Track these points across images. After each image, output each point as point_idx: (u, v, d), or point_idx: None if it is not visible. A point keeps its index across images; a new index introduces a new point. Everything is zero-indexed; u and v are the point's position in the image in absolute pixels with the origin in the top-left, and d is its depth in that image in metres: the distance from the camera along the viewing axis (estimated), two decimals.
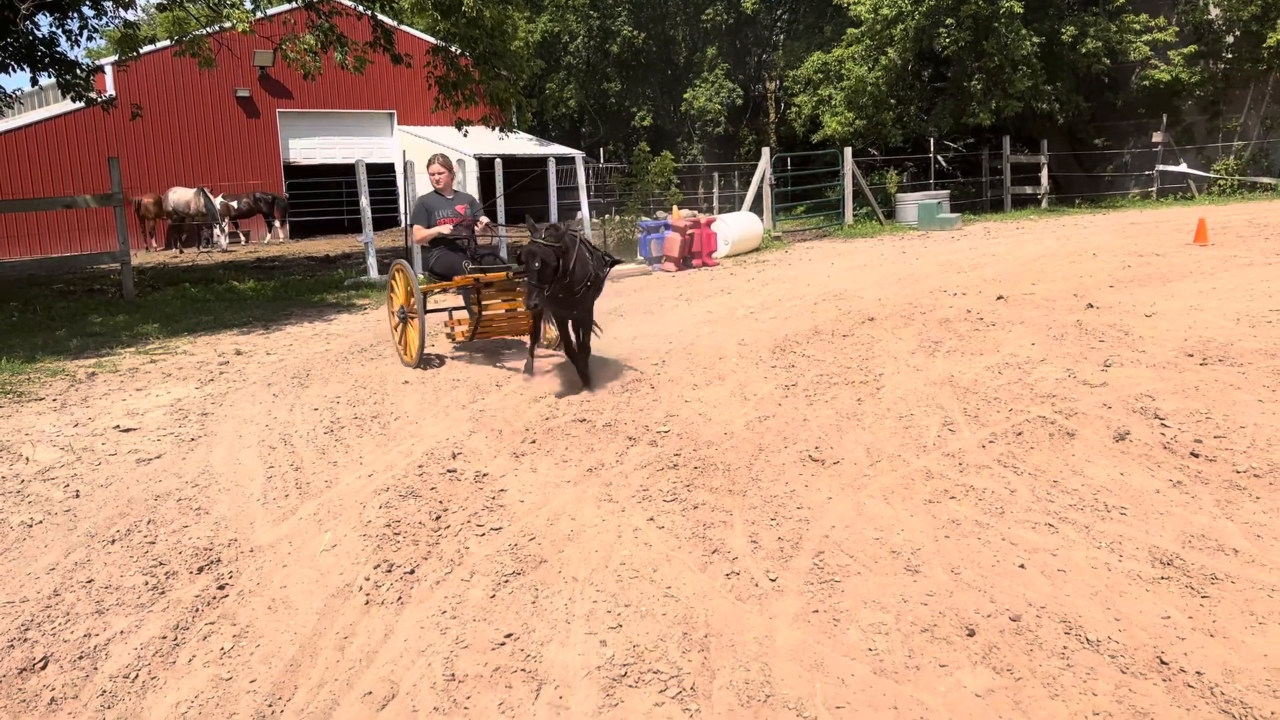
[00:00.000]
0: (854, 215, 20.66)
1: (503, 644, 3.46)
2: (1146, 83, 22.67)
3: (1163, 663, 3.14)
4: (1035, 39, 21.25)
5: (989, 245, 14.90)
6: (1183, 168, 22.63)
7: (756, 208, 18.88)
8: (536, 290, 6.16)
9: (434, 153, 8.77)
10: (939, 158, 24.46)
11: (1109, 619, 3.41)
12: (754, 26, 33.63)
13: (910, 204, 20.73)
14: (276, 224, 25.15)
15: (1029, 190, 23.70)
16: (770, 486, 4.76)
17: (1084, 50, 21.62)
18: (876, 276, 11.76)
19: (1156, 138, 22.91)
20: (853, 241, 18.15)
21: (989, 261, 12.24)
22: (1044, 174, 23.58)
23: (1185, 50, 22.11)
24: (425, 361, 7.92)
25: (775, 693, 3.10)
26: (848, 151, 20.33)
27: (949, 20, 21.49)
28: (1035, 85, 21.75)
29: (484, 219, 8.35)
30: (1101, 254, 11.69)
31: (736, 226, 16.91)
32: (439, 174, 8.43)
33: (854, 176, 20.28)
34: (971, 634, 3.36)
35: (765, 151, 19.41)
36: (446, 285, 8.04)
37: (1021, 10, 20.74)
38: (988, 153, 23.95)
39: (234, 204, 23.44)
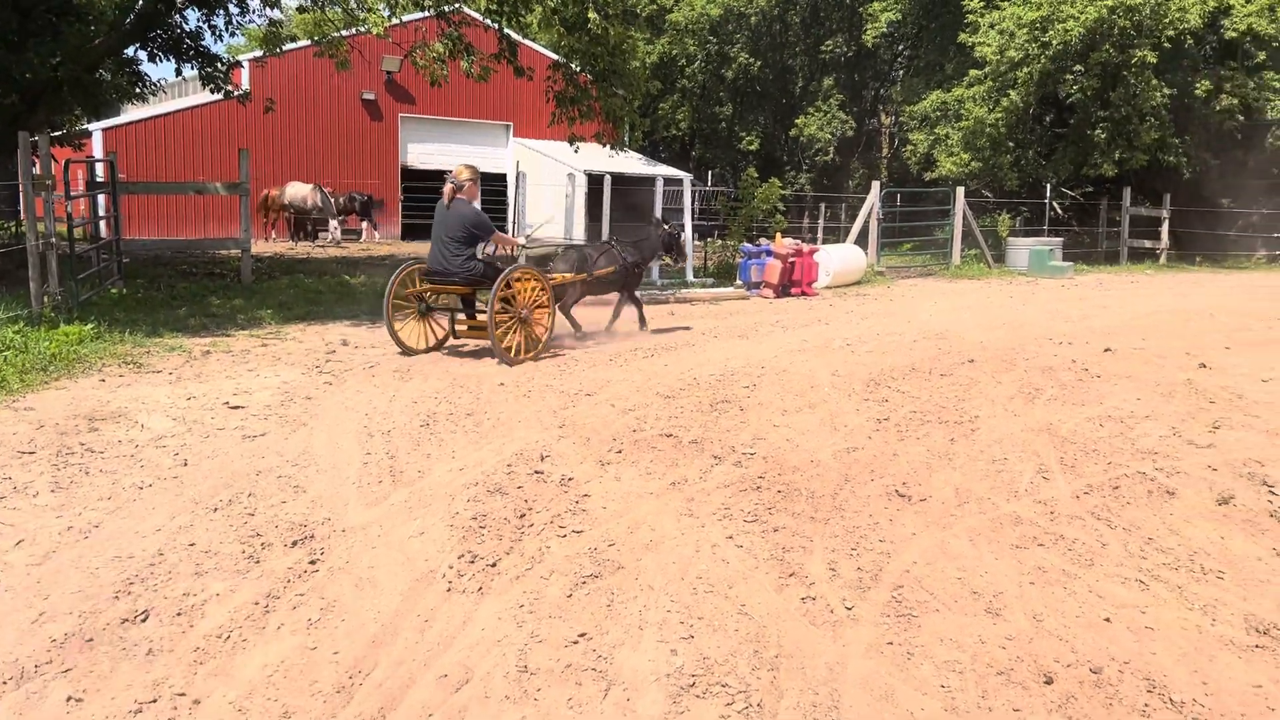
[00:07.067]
0: (961, 256, 20.31)
1: (576, 642, 3.52)
2: None
3: None
4: (1166, 90, 20.61)
5: (1101, 297, 14.49)
6: None
7: (862, 241, 18.72)
8: None
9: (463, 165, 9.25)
10: (1055, 204, 23.85)
11: (1196, 682, 3.30)
12: (874, 60, 33.49)
13: (1021, 249, 20.27)
14: (365, 224, 25.72)
15: (1147, 244, 22.92)
16: (853, 517, 4.73)
17: (1218, 106, 20.87)
18: (980, 319, 11.54)
19: None
20: (958, 282, 17.84)
21: (1099, 313, 11.90)
22: (1164, 229, 22.74)
23: None
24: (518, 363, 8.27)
25: (842, 718, 3.09)
26: (959, 191, 20.00)
27: (1077, 67, 21.03)
28: (1163, 138, 21.09)
29: None
30: (1220, 314, 11.26)
31: (839, 257, 16.79)
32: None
33: (965, 217, 19.94)
34: (1049, 682, 3.29)
35: (875, 185, 19.25)
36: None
37: (1155, 61, 20.15)
38: (1106, 202, 23.26)
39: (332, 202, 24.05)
